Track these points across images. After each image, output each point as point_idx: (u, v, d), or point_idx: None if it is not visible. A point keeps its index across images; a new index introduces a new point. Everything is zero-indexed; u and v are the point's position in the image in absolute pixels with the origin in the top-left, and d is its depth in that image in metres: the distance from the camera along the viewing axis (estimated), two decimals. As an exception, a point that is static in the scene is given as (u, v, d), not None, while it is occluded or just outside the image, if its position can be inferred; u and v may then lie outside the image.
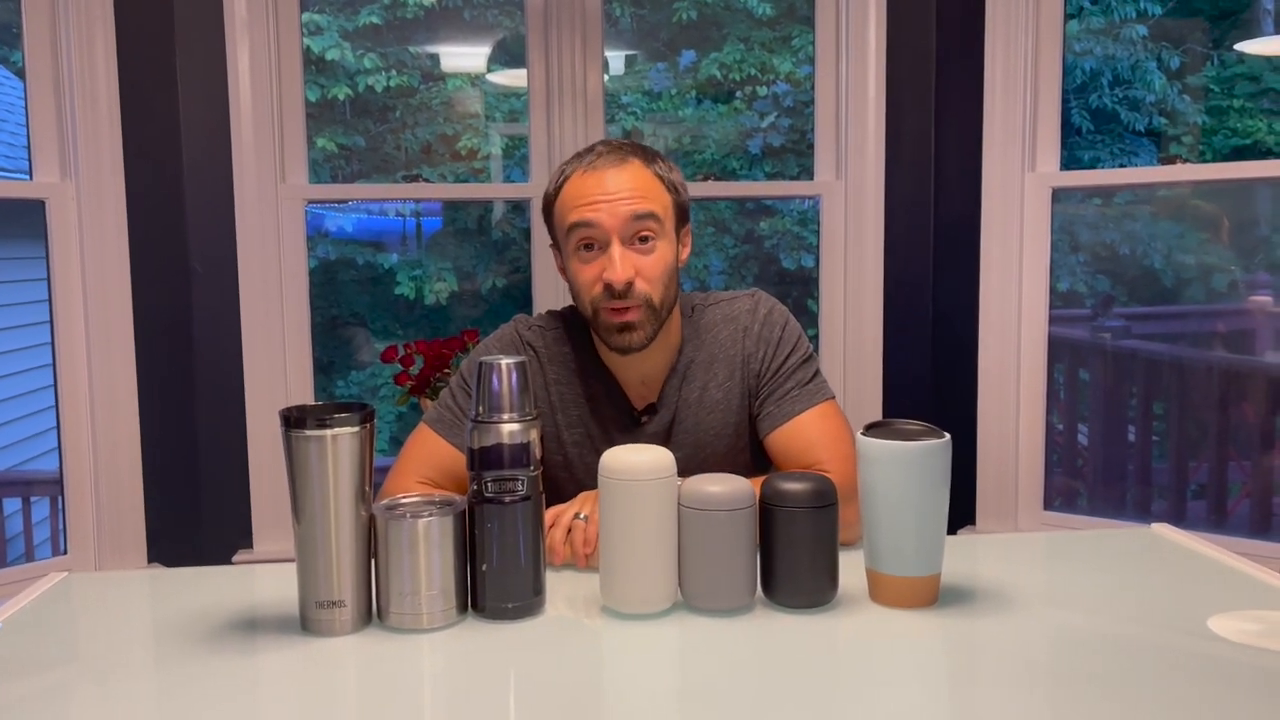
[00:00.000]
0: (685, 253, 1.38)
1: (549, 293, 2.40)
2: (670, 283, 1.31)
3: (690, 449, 1.36)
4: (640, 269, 1.28)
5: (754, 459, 1.40)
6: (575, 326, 1.41)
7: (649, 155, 1.34)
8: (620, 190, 1.27)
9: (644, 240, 1.28)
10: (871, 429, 1.03)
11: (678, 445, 1.35)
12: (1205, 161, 4.37)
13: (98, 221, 2.17)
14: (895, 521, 1.00)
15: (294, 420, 0.96)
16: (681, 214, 1.36)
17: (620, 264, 1.26)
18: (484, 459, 1.00)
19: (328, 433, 0.96)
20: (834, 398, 1.38)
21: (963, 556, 1.16)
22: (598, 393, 1.38)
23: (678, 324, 1.39)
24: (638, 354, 1.32)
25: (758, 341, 1.37)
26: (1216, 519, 2.91)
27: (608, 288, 1.27)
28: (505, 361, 1.01)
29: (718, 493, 1.01)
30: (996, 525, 2.43)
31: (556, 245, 1.37)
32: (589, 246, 1.29)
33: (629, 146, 1.34)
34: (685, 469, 1.33)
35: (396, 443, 4.33)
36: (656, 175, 1.32)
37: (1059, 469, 2.94)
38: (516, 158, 3.84)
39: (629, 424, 1.37)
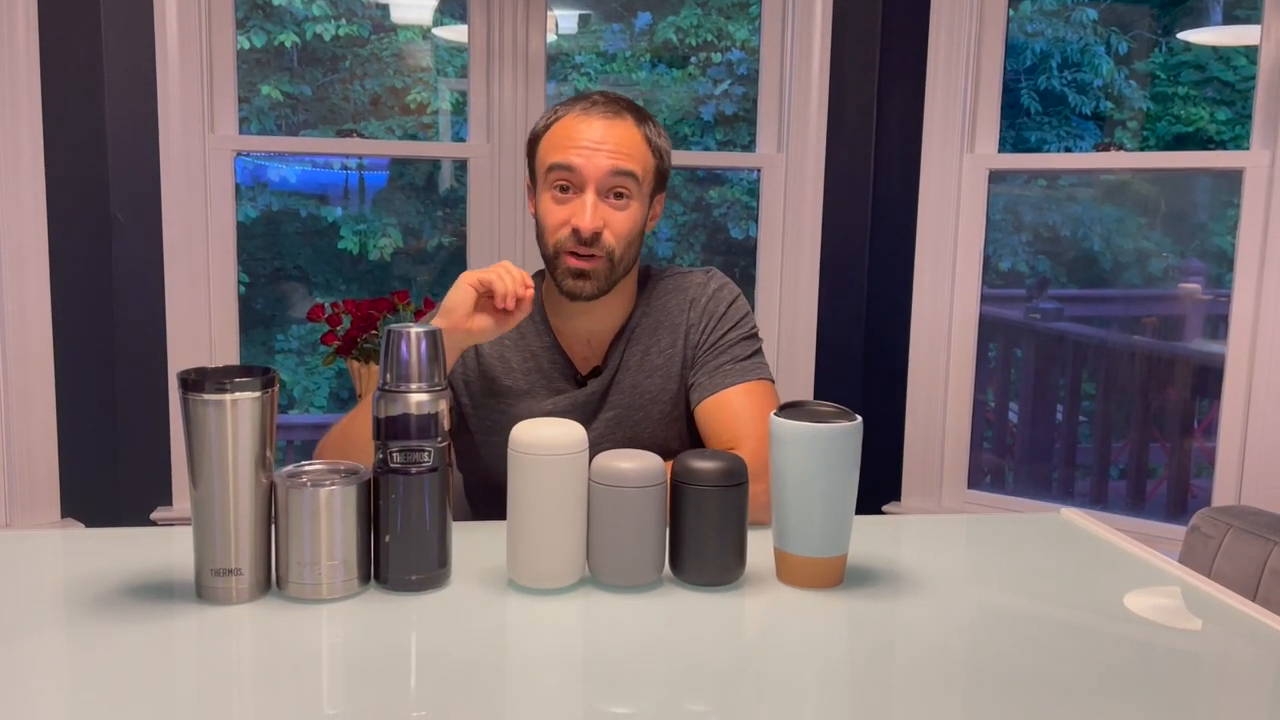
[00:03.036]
0: (655, 219, 1.41)
1: (483, 256, 2.36)
2: (634, 243, 1.34)
3: (624, 409, 1.37)
4: (609, 222, 1.31)
5: (691, 432, 1.41)
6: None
7: (641, 116, 1.36)
8: (607, 142, 1.30)
9: (618, 196, 1.31)
10: (785, 410, 1.03)
11: (612, 404, 1.37)
12: (1149, 147, 4.42)
13: (13, 165, 2.09)
14: (803, 503, 1.00)
15: (192, 383, 0.94)
16: (660, 179, 1.38)
17: (591, 213, 1.29)
18: (390, 428, 0.98)
19: (227, 397, 0.93)
20: (771, 381, 1.39)
21: (872, 538, 1.17)
22: (541, 359, 1.39)
23: (632, 288, 1.41)
24: (587, 310, 1.35)
25: (701, 314, 1.39)
26: (1134, 502, 2.99)
27: (575, 232, 1.29)
28: (414, 330, 0.99)
29: (628, 469, 1.00)
30: (921, 501, 2.46)
31: (532, 183, 1.38)
32: (564, 189, 1.32)
33: (625, 103, 1.36)
34: (616, 429, 1.36)
35: (337, 399, 4.25)
36: (645, 137, 1.34)
37: (990, 447, 2.99)
38: (467, 114, 3.76)
39: (570, 385, 1.39)
